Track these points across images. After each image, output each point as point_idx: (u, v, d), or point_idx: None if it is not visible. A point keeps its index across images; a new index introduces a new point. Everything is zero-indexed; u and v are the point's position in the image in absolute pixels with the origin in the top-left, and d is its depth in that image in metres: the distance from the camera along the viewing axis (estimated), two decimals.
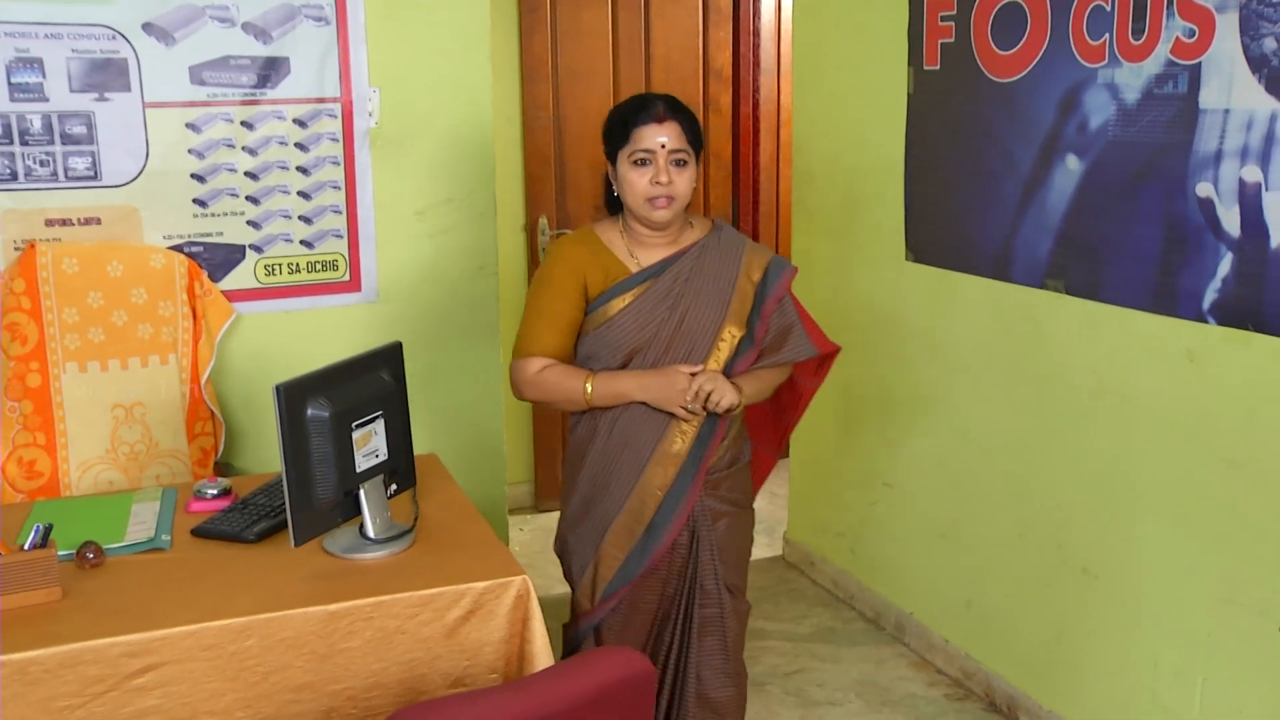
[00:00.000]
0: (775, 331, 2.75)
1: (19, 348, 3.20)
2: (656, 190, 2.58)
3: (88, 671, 2.04)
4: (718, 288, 2.68)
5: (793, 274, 2.77)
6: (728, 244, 2.74)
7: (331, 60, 3.53)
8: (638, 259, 2.70)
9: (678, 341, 2.66)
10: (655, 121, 2.57)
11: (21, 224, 3.27)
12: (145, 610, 2.15)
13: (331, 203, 3.60)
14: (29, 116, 3.23)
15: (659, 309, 2.65)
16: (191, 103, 3.40)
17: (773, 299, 2.71)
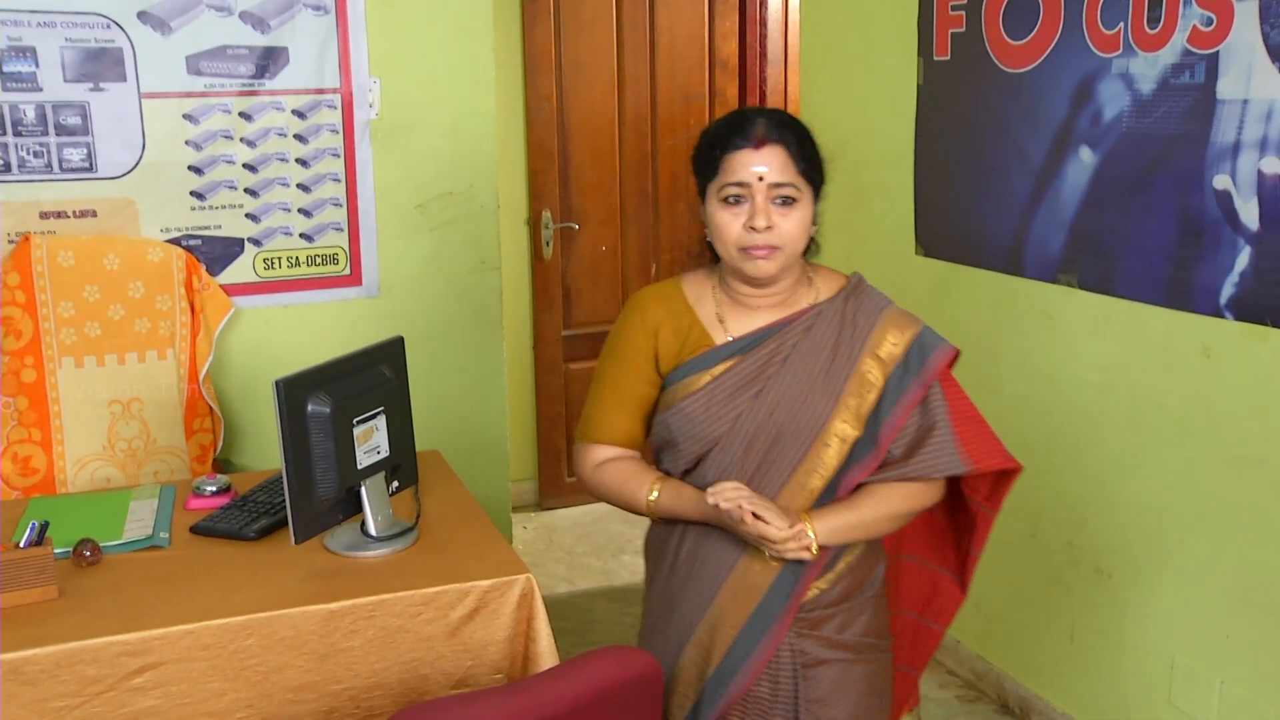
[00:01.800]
0: (912, 433, 2.09)
1: (13, 342, 3.20)
2: (752, 237, 2.00)
3: (85, 671, 2.04)
4: (828, 370, 2.08)
5: (950, 355, 2.11)
6: (857, 311, 2.12)
7: (331, 50, 3.53)
8: (726, 325, 2.13)
9: (760, 442, 2.09)
10: (751, 146, 2.00)
11: (15, 216, 3.27)
12: (144, 609, 2.15)
13: (331, 195, 3.59)
14: (22, 107, 3.23)
15: (739, 397, 2.09)
16: (188, 93, 3.40)
17: (915, 390, 2.07)
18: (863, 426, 2.07)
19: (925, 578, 2.38)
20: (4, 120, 3.21)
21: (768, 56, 4.98)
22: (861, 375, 2.08)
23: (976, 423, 2.16)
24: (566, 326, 4.92)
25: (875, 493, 2.10)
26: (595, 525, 4.86)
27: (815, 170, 2.06)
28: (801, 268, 2.14)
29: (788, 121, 2.06)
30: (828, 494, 2.10)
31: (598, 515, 4.94)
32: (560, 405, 4.98)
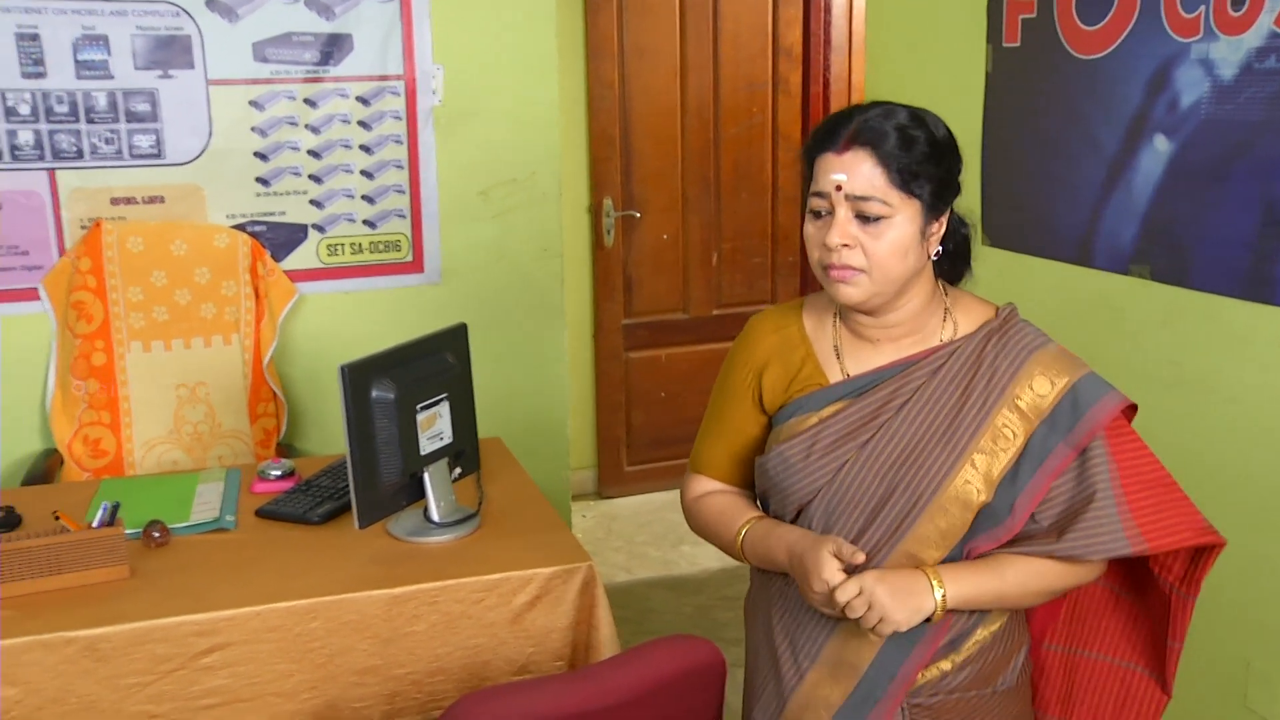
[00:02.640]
0: (1063, 502, 1.73)
1: (85, 326, 3.27)
2: (831, 256, 1.70)
3: (156, 650, 2.09)
4: (953, 421, 1.74)
5: (1113, 410, 1.74)
6: (1000, 351, 1.76)
7: (395, 37, 3.56)
8: (843, 362, 1.83)
9: (865, 501, 1.77)
10: (835, 150, 1.69)
11: (88, 203, 3.33)
12: (212, 590, 2.20)
13: (394, 182, 3.63)
14: (94, 94, 3.29)
15: (844, 445, 1.78)
16: (254, 80, 3.45)
17: (1063, 453, 1.72)
18: (993, 492, 1.72)
19: (1115, 678, 1.94)
20: (77, 107, 3.28)
21: (832, 44, 4.96)
22: (996, 429, 1.72)
23: (1159, 488, 1.76)
24: (627, 315, 4.93)
25: (1011, 562, 1.73)
26: (654, 515, 4.88)
27: (924, 180, 1.69)
28: (935, 297, 1.81)
29: (893, 120, 1.70)
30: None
31: (657, 505, 4.96)
32: (620, 394, 5.00)
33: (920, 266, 1.74)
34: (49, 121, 3.27)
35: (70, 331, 3.29)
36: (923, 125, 1.72)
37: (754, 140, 4.98)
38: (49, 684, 2.04)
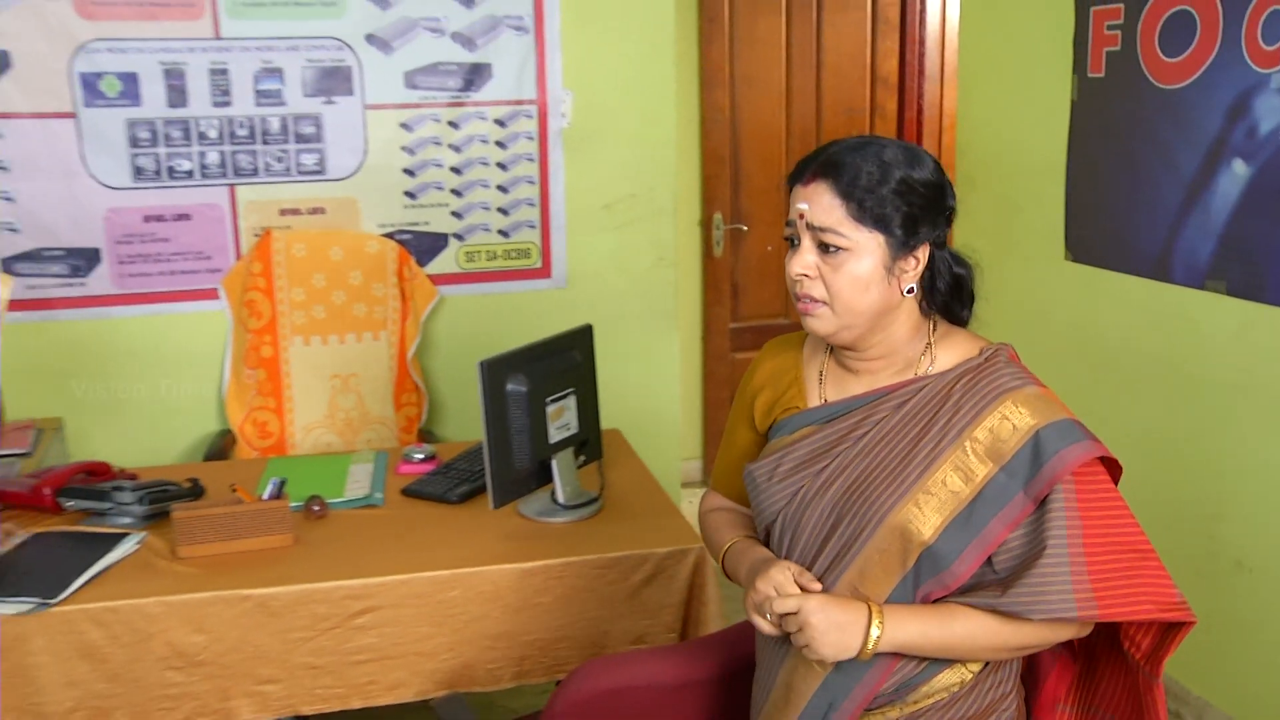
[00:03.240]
0: (1018, 553, 1.51)
1: (255, 322, 3.39)
2: (796, 286, 1.59)
3: (316, 609, 2.17)
4: (906, 456, 1.56)
5: (1079, 460, 1.50)
6: (970, 390, 1.57)
7: (529, 66, 3.63)
8: (825, 388, 1.70)
9: (816, 529, 1.61)
10: (800, 182, 1.58)
11: (260, 213, 3.46)
12: (364, 559, 2.28)
13: (526, 196, 3.70)
14: (269, 119, 3.42)
15: (802, 471, 1.64)
16: (405, 105, 3.54)
17: (1020, 503, 1.50)
18: (938, 534, 1.51)
19: None
20: (255, 131, 3.41)
21: (925, 73, 4.91)
22: (946, 471, 1.52)
23: (1129, 554, 1.51)
24: (734, 319, 4.95)
25: (951, 612, 1.52)
26: None
27: (892, 214, 1.53)
28: (920, 332, 1.63)
29: (861, 154, 1.55)
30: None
31: None
32: (726, 391, 5.02)
33: (889, 302, 1.57)
34: (231, 143, 3.40)
35: (243, 326, 3.41)
36: (899, 161, 1.55)
37: None
38: (229, 633, 2.14)
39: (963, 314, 1.67)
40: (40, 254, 3.39)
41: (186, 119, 3.38)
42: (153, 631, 2.12)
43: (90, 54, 3.30)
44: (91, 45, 3.29)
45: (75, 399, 3.48)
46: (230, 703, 2.18)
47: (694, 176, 4.84)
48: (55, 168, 3.33)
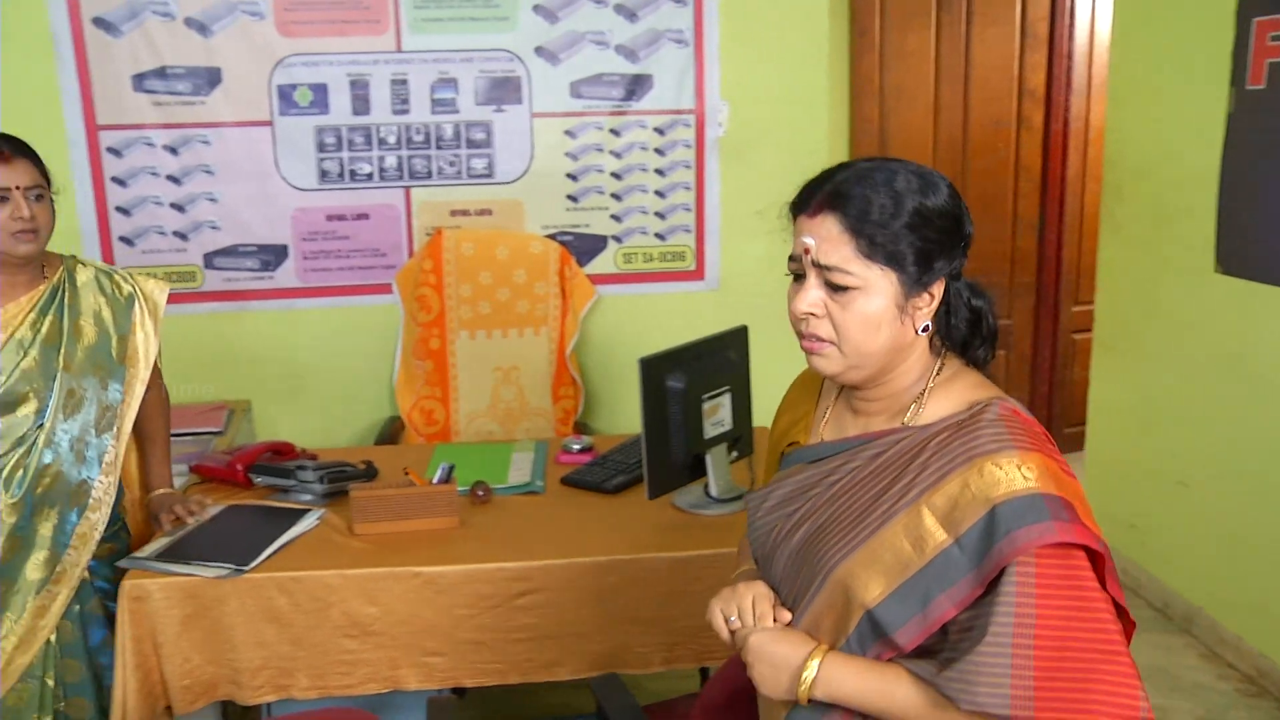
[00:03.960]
0: (967, 635, 1.28)
1: (425, 316, 3.46)
2: (800, 324, 1.42)
3: (480, 589, 2.19)
4: (863, 513, 1.38)
5: (1039, 541, 1.24)
6: (942, 449, 1.35)
7: (689, 77, 3.61)
8: (826, 425, 1.54)
9: (784, 571, 1.47)
10: (805, 214, 1.40)
11: (432, 214, 3.53)
12: (526, 543, 2.29)
13: (682, 201, 3.69)
14: (444, 126, 3.48)
15: (779, 511, 1.51)
16: (570, 113, 3.57)
17: (974, 580, 1.27)
18: (882, 599, 1.31)
19: None
20: (430, 137, 3.48)
21: (1073, 86, 4.74)
22: (897, 533, 1.32)
23: (1087, 654, 1.24)
24: None
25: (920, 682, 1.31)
26: None
27: (904, 250, 1.33)
28: (924, 377, 1.43)
29: (869, 183, 1.35)
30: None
31: None
32: None
33: (902, 341, 1.38)
34: (408, 149, 3.48)
35: (414, 320, 3.48)
36: (912, 189, 1.34)
37: (998, 172, 4.81)
38: (399, 606, 2.17)
39: (979, 353, 1.44)
40: (236, 249, 3.52)
41: (368, 126, 3.47)
42: (332, 601, 2.17)
43: (287, 68, 3.41)
44: (289, 60, 3.40)
45: (262, 383, 3.61)
46: (399, 671, 2.22)
47: None
48: (253, 171, 3.46)
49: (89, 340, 2.23)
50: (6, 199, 2.08)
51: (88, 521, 2.21)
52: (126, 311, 2.29)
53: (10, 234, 2.09)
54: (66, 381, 2.18)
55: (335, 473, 2.52)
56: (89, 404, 2.21)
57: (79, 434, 2.20)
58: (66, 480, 2.19)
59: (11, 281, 2.17)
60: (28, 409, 2.15)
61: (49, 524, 2.17)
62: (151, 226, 3.48)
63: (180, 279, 3.50)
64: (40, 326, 2.17)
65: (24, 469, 2.14)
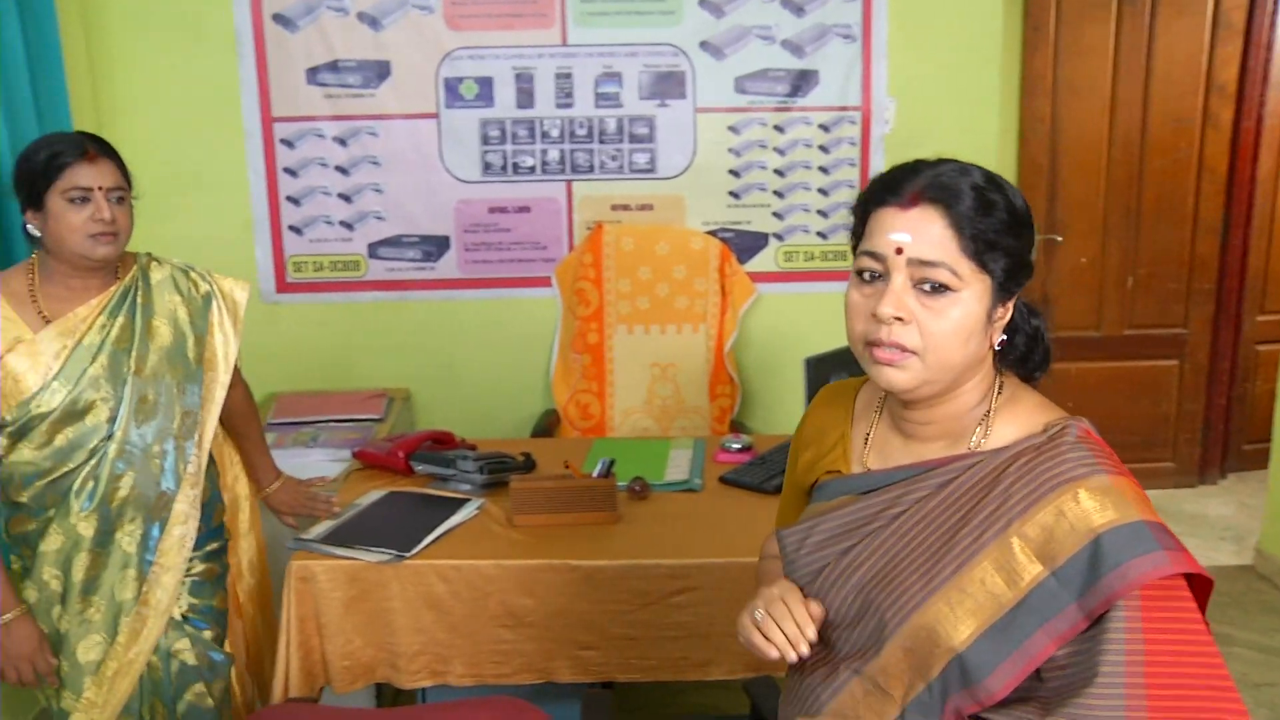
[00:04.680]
0: (1065, 674, 1.18)
1: (583, 309, 3.47)
2: (879, 331, 1.25)
3: (636, 585, 2.18)
4: (942, 548, 1.27)
5: (1152, 574, 1.15)
6: (1024, 475, 1.24)
7: (855, 73, 3.54)
8: (869, 452, 1.40)
9: (839, 613, 1.33)
10: (899, 205, 1.26)
11: (593, 208, 3.54)
12: (683, 540, 2.26)
13: (846, 200, 3.62)
14: (607, 120, 3.49)
15: (829, 548, 1.37)
16: (733, 109, 3.53)
17: (1078, 613, 1.18)
18: (972, 642, 1.21)
19: None
20: (593, 131, 3.49)
21: (1270, 80, 4.47)
22: (986, 568, 1.22)
23: (1202, 691, 1.15)
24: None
25: None
26: None
27: (1000, 253, 1.23)
28: (988, 397, 1.31)
29: (969, 178, 1.27)
30: (915, 713, 1.26)
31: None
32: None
33: (980, 355, 1.28)
34: (571, 142, 3.50)
35: (572, 314, 3.50)
36: (1001, 190, 1.27)
37: (1178, 173, 4.58)
38: (556, 599, 2.17)
39: (1036, 375, 1.35)
40: (400, 240, 3.59)
41: (532, 119, 3.50)
42: (489, 591, 2.19)
43: (454, 61, 3.46)
44: (456, 53, 3.46)
45: (421, 372, 3.68)
46: (552, 663, 2.22)
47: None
48: (418, 163, 3.52)
49: (163, 341, 2.08)
50: (88, 199, 1.96)
51: (171, 536, 2.08)
52: (204, 311, 2.15)
53: (89, 236, 1.96)
54: (138, 386, 2.04)
55: (495, 463, 2.54)
56: (164, 410, 2.07)
57: (153, 442, 2.06)
58: (144, 491, 2.05)
59: (84, 285, 2.04)
60: (97, 416, 2.01)
61: (130, 538, 2.05)
62: (319, 216, 3.58)
63: (345, 268, 3.60)
64: (110, 329, 2.03)
65: (95, 479, 2.01)
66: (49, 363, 1.98)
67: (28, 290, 2.02)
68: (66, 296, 2.03)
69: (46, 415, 1.97)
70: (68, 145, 1.97)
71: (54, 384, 1.97)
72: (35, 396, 1.97)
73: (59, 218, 1.95)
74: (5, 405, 1.96)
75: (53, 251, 2.00)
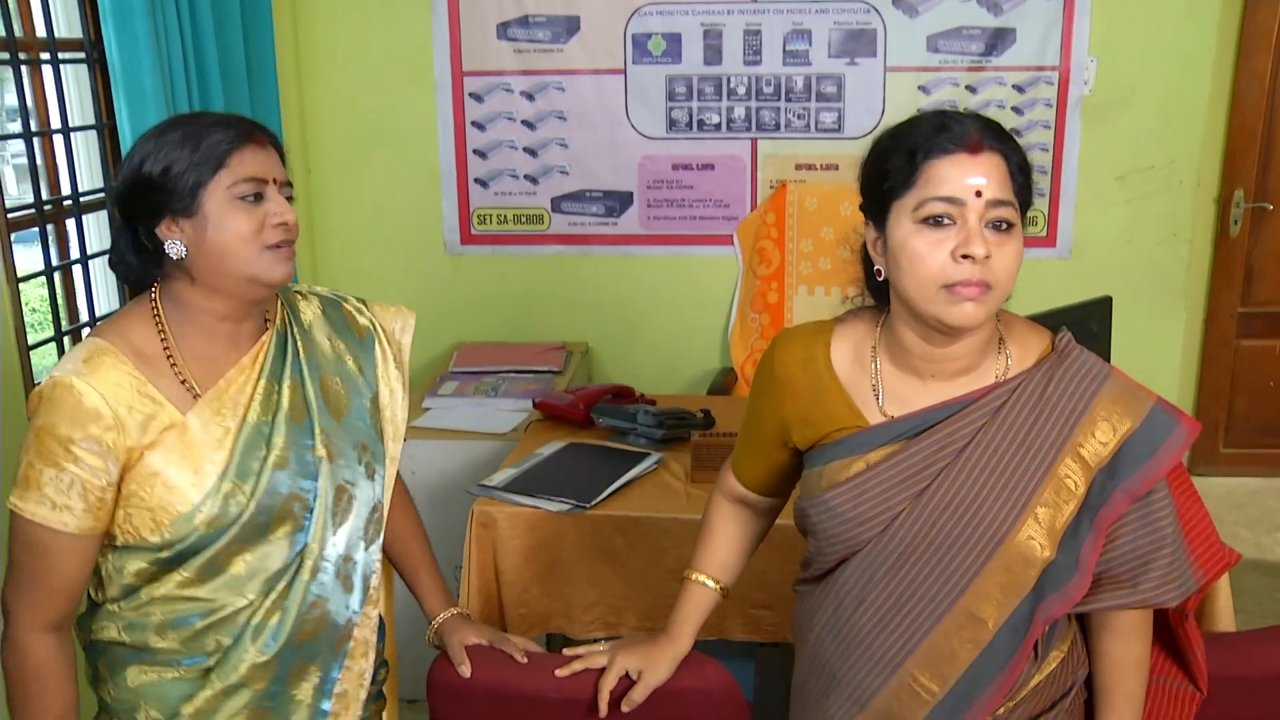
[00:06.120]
0: (1127, 553, 1.39)
1: (764, 269, 3.48)
2: (964, 270, 1.29)
3: None
4: (1018, 467, 1.37)
5: (1183, 443, 1.37)
6: (1065, 388, 1.38)
7: (1055, 31, 3.42)
8: (883, 399, 1.44)
9: (919, 554, 1.40)
10: (966, 151, 1.30)
11: (777, 167, 3.53)
12: None
13: (1038, 163, 3.50)
14: (794, 78, 3.47)
15: (897, 495, 1.40)
16: (925, 68, 3.46)
17: (1125, 493, 1.36)
18: (1056, 547, 1.36)
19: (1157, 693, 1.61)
20: (780, 88, 3.47)
21: None
22: (1058, 480, 1.36)
23: (1200, 520, 1.51)
24: (1243, 304, 4.45)
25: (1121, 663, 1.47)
26: (1249, 498, 4.40)
27: (1029, 192, 1.36)
28: (992, 325, 1.40)
29: (1000, 128, 1.36)
30: (1007, 631, 1.38)
31: (1252, 489, 4.47)
32: (1226, 380, 4.53)
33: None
34: (758, 100, 3.49)
35: (752, 273, 3.51)
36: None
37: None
38: None
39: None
40: (583, 195, 3.65)
41: (719, 76, 3.50)
42: (666, 546, 2.22)
43: (643, 17, 3.48)
44: (645, 9, 3.48)
45: (600, 326, 3.74)
46: (725, 620, 2.24)
47: (1216, 149, 4.37)
48: (602, 119, 3.57)
49: (341, 407, 1.53)
50: (261, 197, 1.38)
51: (350, 674, 1.55)
52: (369, 358, 1.59)
53: (265, 248, 1.38)
54: (334, 476, 1.49)
55: (675, 419, 2.58)
56: (358, 504, 1.52)
57: (346, 550, 1.51)
58: (333, 619, 1.51)
59: (233, 333, 1.45)
60: (286, 528, 1.45)
61: (308, 684, 1.51)
62: (505, 169, 3.67)
63: (529, 221, 3.68)
64: (277, 397, 1.46)
65: (282, 611, 1.46)
66: (209, 456, 1.40)
67: (160, 347, 1.41)
68: (211, 354, 1.44)
69: (221, 533, 1.40)
70: (224, 125, 1.40)
71: (224, 487, 1.39)
72: (199, 508, 1.38)
73: (222, 223, 1.36)
74: (154, 523, 1.38)
75: (202, 279, 1.39)
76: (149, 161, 1.36)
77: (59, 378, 1.35)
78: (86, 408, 1.33)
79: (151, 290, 1.43)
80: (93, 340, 1.39)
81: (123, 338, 1.39)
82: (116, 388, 1.35)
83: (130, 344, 1.38)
